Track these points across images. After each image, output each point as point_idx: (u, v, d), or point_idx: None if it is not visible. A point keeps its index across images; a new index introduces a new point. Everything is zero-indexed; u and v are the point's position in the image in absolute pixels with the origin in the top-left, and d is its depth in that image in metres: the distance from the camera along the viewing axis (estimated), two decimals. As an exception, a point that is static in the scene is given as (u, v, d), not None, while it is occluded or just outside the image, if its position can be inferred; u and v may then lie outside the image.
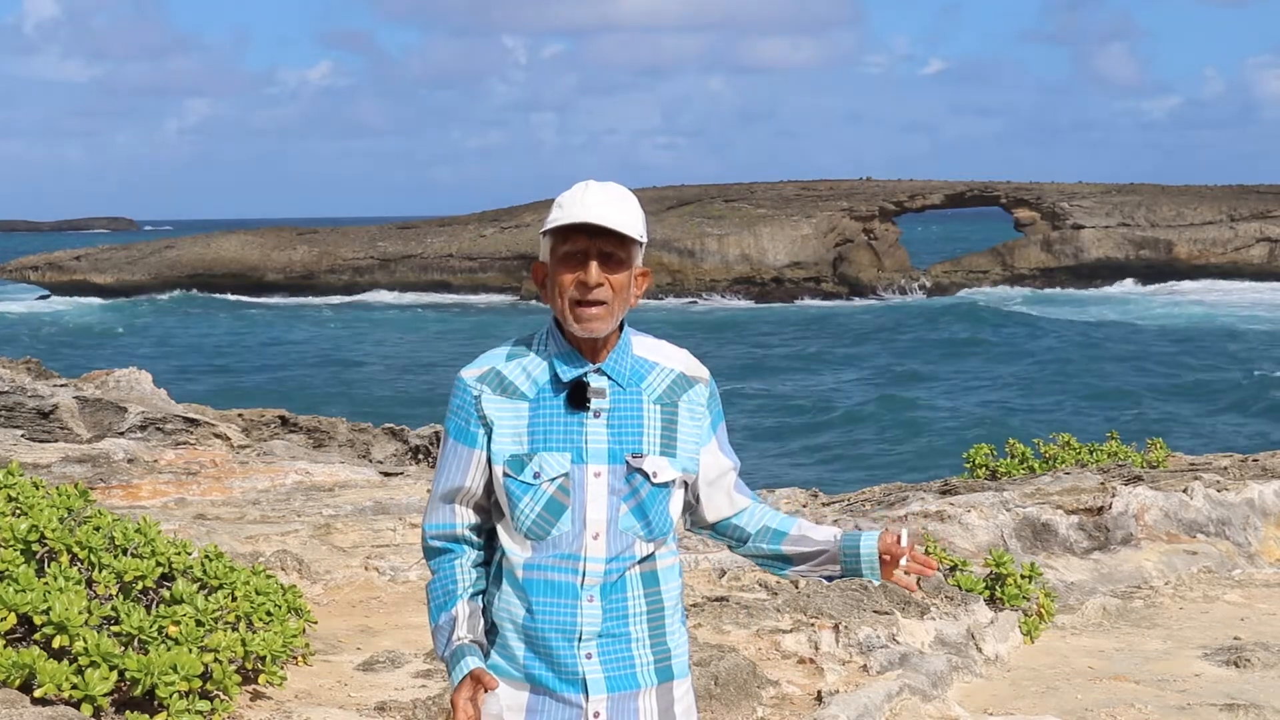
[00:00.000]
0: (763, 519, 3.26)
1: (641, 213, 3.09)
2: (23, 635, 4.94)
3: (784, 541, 3.24)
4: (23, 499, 5.73)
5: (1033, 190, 75.36)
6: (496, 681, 3.01)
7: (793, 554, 3.24)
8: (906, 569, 3.17)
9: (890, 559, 3.18)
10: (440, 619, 3.11)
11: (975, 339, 53.23)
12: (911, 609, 7.01)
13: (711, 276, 71.68)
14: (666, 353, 3.17)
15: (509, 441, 3.06)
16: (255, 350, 54.45)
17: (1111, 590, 8.34)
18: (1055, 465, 11.65)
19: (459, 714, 2.98)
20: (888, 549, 3.18)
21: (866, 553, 3.19)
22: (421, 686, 5.77)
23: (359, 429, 13.51)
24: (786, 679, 6.11)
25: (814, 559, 3.23)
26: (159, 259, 75.89)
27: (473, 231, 75.69)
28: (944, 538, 8.45)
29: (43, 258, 78.03)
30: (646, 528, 3.07)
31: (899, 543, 3.17)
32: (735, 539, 3.27)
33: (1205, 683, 6.74)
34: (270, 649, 5.31)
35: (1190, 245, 72.77)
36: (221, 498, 9.16)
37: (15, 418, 11.32)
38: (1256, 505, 9.61)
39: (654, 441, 3.07)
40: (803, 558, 3.24)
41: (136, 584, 5.33)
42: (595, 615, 3.03)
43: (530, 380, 3.08)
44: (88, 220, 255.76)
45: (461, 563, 3.13)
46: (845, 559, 3.21)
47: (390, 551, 7.98)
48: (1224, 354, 47.69)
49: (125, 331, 61.33)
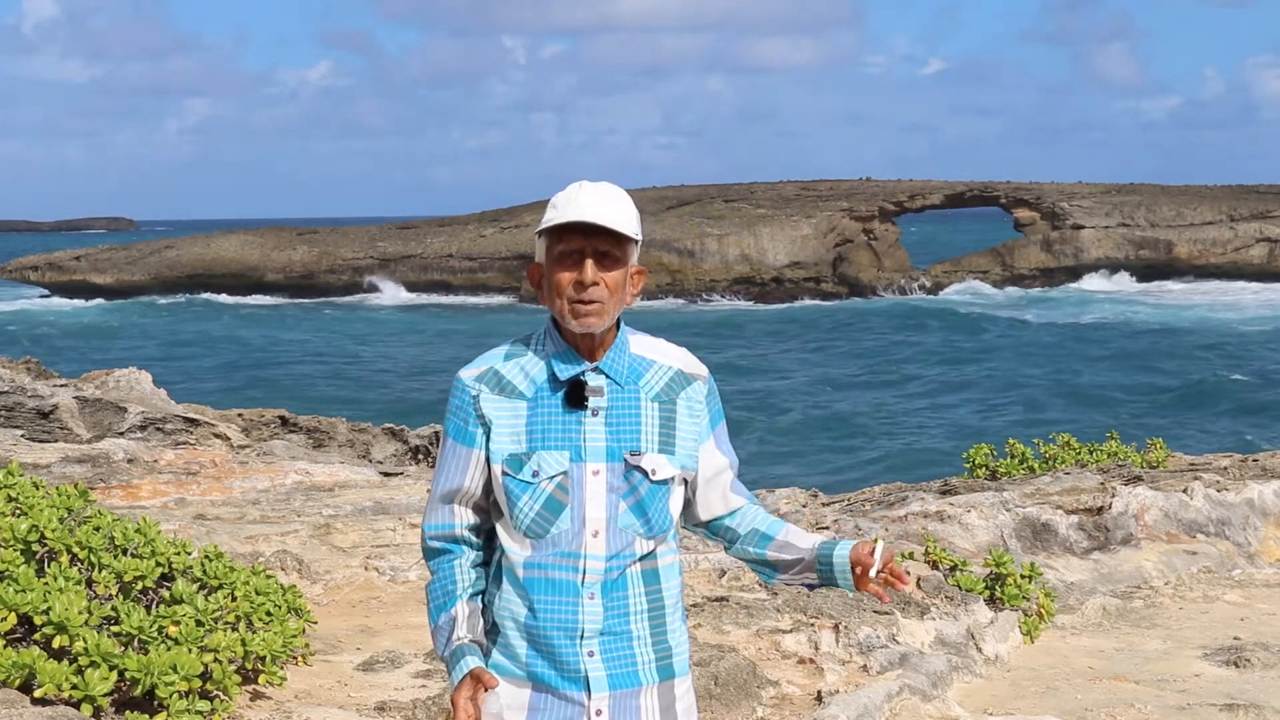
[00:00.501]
0: (753, 521, 3.26)
1: (636, 211, 3.10)
2: (23, 635, 4.94)
3: (769, 547, 3.23)
4: (23, 499, 5.73)
5: (1032, 190, 75.36)
6: (496, 680, 3.02)
7: (776, 560, 3.23)
8: (875, 579, 3.16)
9: (863, 570, 3.16)
10: (440, 619, 3.11)
11: (975, 339, 53.23)
12: (911, 609, 7.01)
13: (711, 276, 71.68)
14: (664, 350, 3.18)
15: (507, 440, 3.06)
16: (255, 350, 54.43)
17: (1111, 590, 8.34)
18: (1055, 465, 11.65)
19: (459, 713, 2.98)
20: (859, 559, 3.16)
21: (839, 562, 3.17)
22: (421, 686, 5.77)
23: (359, 429, 13.52)
24: (786, 679, 6.11)
25: (795, 567, 3.22)
26: (159, 259, 75.89)
27: (473, 231, 75.69)
28: (944, 538, 8.44)
29: (43, 258, 78.05)
30: (646, 525, 3.07)
31: (871, 554, 3.15)
32: (727, 539, 3.27)
33: (1205, 683, 6.74)
34: (270, 649, 5.31)
35: (1190, 245, 72.77)
36: (221, 498, 9.16)
37: (15, 418, 11.32)
38: (1256, 505, 9.61)
39: (652, 439, 3.08)
40: (786, 565, 3.23)
41: (136, 584, 5.33)
42: (596, 613, 3.04)
43: (528, 380, 3.09)
44: (87, 220, 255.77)
45: (461, 563, 3.14)
46: (820, 568, 3.20)
47: (390, 551, 7.98)
48: (1218, 354, 47.69)
49: (125, 331, 61.33)
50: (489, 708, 2.99)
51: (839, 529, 8.72)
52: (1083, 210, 73.80)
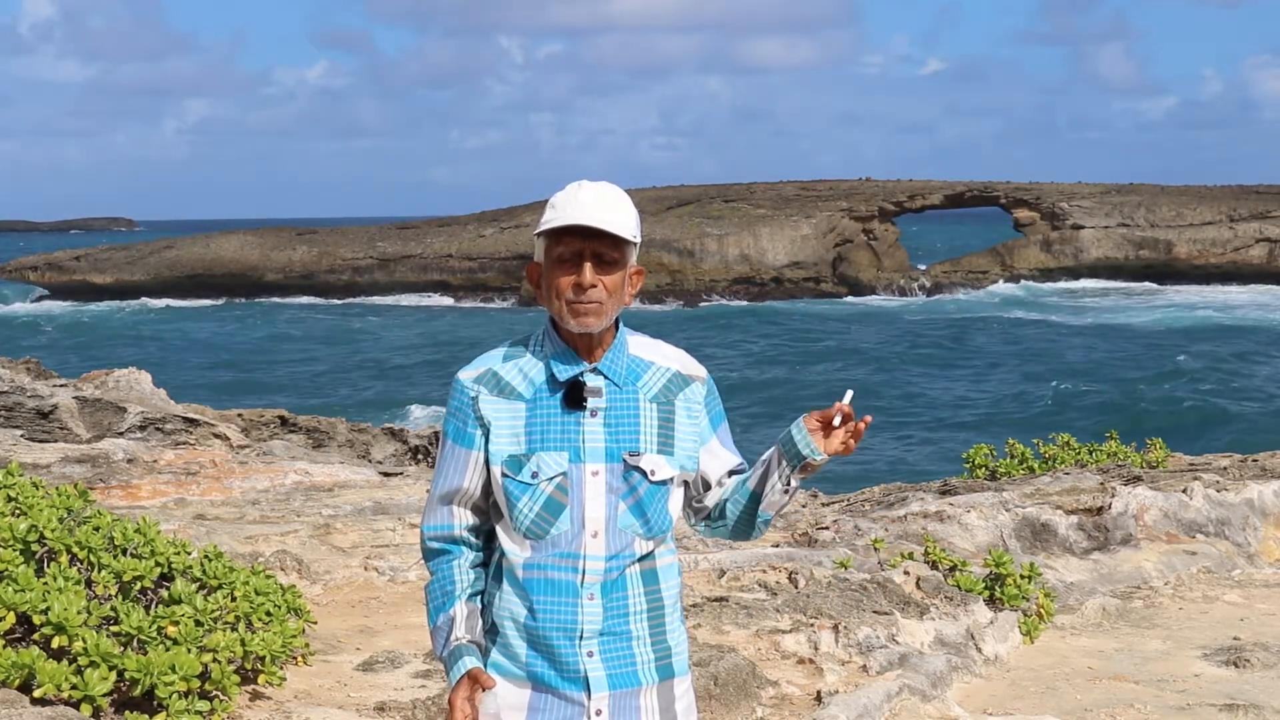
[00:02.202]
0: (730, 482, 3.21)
1: (635, 212, 3.09)
2: (22, 635, 4.94)
3: (747, 481, 3.16)
4: (22, 499, 5.73)
5: (1032, 190, 75.37)
6: (494, 681, 3.02)
7: (756, 487, 3.14)
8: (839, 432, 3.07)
9: (821, 423, 3.09)
10: (439, 619, 3.11)
11: (975, 339, 53.24)
12: (911, 609, 7.01)
13: (711, 276, 71.67)
14: (663, 351, 3.17)
15: (506, 442, 3.06)
16: (255, 350, 54.44)
17: (1111, 590, 8.34)
18: (1055, 465, 11.65)
19: (456, 713, 2.99)
20: (819, 417, 3.09)
21: (797, 431, 3.09)
22: (421, 686, 5.77)
23: (358, 429, 13.52)
24: (786, 679, 6.11)
25: (769, 476, 3.13)
26: (159, 259, 75.89)
27: (472, 232, 75.70)
28: (944, 538, 8.45)
29: (43, 258, 78.07)
30: (645, 525, 3.07)
31: (823, 415, 3.08)
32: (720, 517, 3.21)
33: (1205, 683, 6.74)
34: (270, 649, 5.31)
35: (1190, 245, 72.76)
36: (221, 498, 9.16)
37: (15, 418, 11.32)
38: (1256, 505, 9.61)
39: (651, 440, 3.08)
40: (763, 481, 3.13)
41: (136, 584, 5.33)
42: (596, 613, 3.04)
43: (527, 381, 3.09)
44: (87, 220, 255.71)
45: (459, 563, 3.14)
46: (785, 449, 3.11)
47: (390, 551, 7.98)
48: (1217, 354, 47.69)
49: (125, 331, 61.33)
50: (486, 708, 2.99)
51: (839, 529, 8.72)
52: (1082, 210, 73.80)
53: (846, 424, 3.09)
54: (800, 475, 3.13)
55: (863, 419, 3.08)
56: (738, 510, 3.18)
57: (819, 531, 8.70)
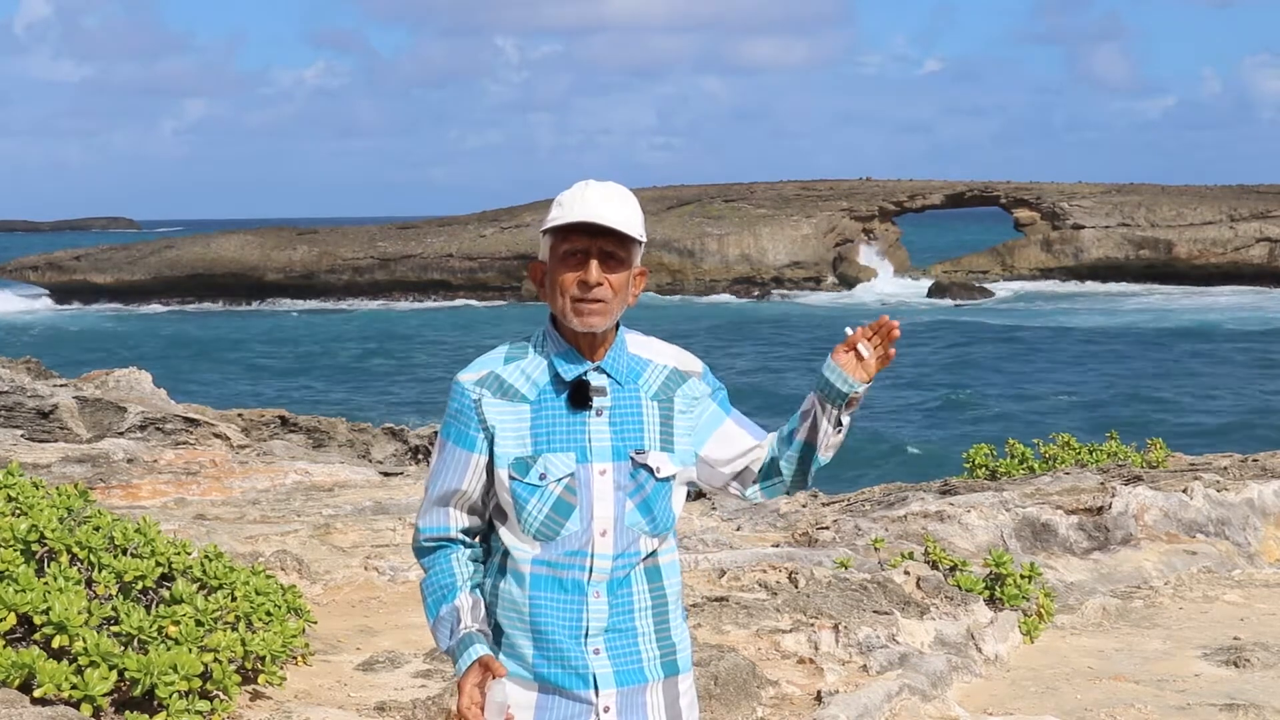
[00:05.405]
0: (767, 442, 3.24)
1: (641, 212, 3.09)
2: (23, 635, 4.94)
3: (795, 435, 3.19)
4: (23, 499, 5.73)
5: (1032, 190, 75.39)
6: (505, 669, 3.00)
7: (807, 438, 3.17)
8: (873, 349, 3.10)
9: (849, 348, 3.12)
10: (441, 610, 3.09)
11: (975, 339, 53.23)
12: (911, 609, 7.01)
13: (711, 276, 71.70)
14: (659, 349, 3.18)
15: (512, 445, 3.05)
16: (255, 350, 54.44)
17: (1111, 590, 8.34)
18: (1055, 465, 11.65)
19: (464, 697, 2.95)
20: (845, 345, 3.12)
21: (830, 372, 3.13)
22: (421, 686, 5.77)
23: (358, 429, 13.52)
24: (786, 679, 6.11)
25: (819, 424, 3.16)
26: (159, 259, 75.89)
27: (472, 231, 75.70)
28: (944, 538, 8.45)
29: (43, 258, 78.06)
30: (652, 523, 3.08)
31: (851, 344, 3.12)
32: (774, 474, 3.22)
33: (1205, 683, 6.74)
34: (270, 649, 5.31)
35: (1190, 245, 72.77)
36: (221, 498, 9.16)
37: (15, 418, 11.32)
38: (1256, 505, 9.61)
39: (654, 437, 3.08)
40: (813, 430, 3.17)
41: (136, 584, 5.33)
42: (602, 611, 3.04)
43: (530, 382, 3.08)
44: (87, 220, 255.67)
45: (458, 556, 3.12)
46: (824, 393, 3.14)
47: (390, 551, 7.98)
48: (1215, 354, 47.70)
49: (125, 331, 61.30)
50: (494, 695, 2.96)
51: (839, 529, 8.72)
52: (1083, 210, 73.82)
53: (873, 341, 3.12)
54: (849, 411, 3.17)
55: (890, 329, 3.10)
56: (792, 467, 3.21)
57: (819, 531, 8.71)
